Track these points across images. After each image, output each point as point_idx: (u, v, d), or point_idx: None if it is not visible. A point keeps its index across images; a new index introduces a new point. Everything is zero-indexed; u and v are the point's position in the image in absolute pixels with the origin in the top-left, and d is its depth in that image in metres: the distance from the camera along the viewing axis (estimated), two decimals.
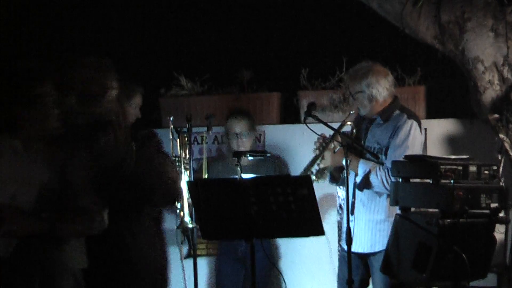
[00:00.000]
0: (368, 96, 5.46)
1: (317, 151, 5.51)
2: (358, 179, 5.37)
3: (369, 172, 5.33)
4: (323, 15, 7.30)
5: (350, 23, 6.96)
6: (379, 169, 5.31)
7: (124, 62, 6.57)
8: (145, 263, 4.21)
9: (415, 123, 5.40)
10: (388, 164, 5.26)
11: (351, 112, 5.54)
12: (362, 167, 5.34)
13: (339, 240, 5.72)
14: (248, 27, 7.52)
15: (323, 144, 5.48)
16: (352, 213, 5.44)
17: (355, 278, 5.31)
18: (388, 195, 5.35)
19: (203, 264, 6.53)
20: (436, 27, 5.93)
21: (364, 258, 5.39)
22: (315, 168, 5.51)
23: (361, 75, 5.49)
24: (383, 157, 5.36)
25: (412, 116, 5.46)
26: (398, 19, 6.02)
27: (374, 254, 5.47)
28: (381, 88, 5.47)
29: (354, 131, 5.52)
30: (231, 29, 7.56)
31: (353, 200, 5.46)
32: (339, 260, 5.73)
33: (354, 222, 5.38)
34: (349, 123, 5.58)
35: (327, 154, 5.40)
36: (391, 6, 6.02)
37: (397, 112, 5.48)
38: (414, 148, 5.36)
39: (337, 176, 5.55)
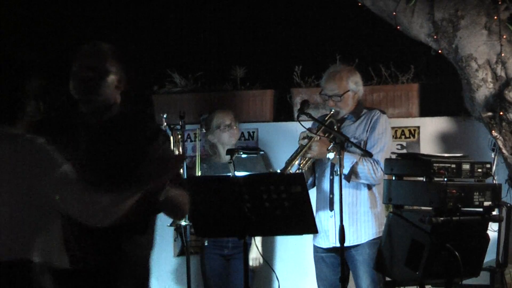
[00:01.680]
0: (354, 94, 5.53)
1: (304, 141, 5.53)
2: (346, 171, 5.38)
3: (356, 163, 5.36)
4: (317, 12, 7.29)
5: (343, 21, 6.96)
6: (365, 160, 5.37)
7: None
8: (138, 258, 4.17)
9: (386, 117, 5.56)
10: (376, 156, 5.34)
11: (332, 110, 5.56)
12: (349, 159, 5.36)
13: (314, 240, 5.70)
14: (242, 24, 7.52)
15: (308, 135, 5.51)
16: (332, 209, 5.46)
17: (335, 277, 5.32)
18: (368, 187, 5.45)
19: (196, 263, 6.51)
20: (429, 24, 5.93)
21: (343, 254, 5.34)
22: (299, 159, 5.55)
23: (347, 74, 5.56)
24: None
25: (382, 111, 5.62)
26: (392, 17, 6.02)
27: (356, 246, 5.48)
28: (360, 85, 5.62)
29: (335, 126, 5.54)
30: (225, 26, 7.56)
31: (331, 196, 5.48)
32: (316, 261, 5.71)
33: (334, 218, 5.41)
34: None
35: (314, 145, 5.41)
36: (384, 3, 6.02)
37: (365, 110, 5.61)
38: (391, 139, 5.58)
39: (308, 175, 5.57)
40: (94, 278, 4.02)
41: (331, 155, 5.32)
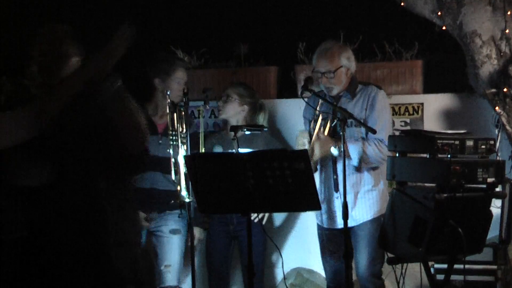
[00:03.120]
0: (347, 70, 5.54)
1: (303, 142, 5.56)
2: (355, 162, 5.40)
3: (363, 151, 5.39)
4: None
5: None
6: (369, 143, 5.43)
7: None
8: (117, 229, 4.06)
9: (383, 92, 5.59)
10: (380, 134, 5.37)
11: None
12: (354, 149, 5.40)
13: (317, 219, 5.73)
14: (246, 1, 7.50)
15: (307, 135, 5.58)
16: (337, 190, 5.48)
17: (339, 253, 5.37)
18: (372, 167, 5.51)
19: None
20: (433, 1, 5.93)
21: (348, 231, 5.36)
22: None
23: (338, 50, 5.58)
24: (362, 129, 5.45)
25: (378, 86, 5.64)
26: None
27: (359, 223, 5.52)
28: (353, 62, 5.63)
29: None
30: (228, 3, 7.53)
31: (335, 177, 5.49)
32: (320, 238, 5.74)
33: (340, 198, 5.43)
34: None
35: (316, 148, 5.42)
36: None
37: (360, 86, 5.61)
38: (390, 115, 5.65)
39: (314, 168, 5.58)
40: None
41: (335, 151, 5.34)
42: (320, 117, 5.52)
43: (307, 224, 6.23)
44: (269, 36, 7.18)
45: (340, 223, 5.50)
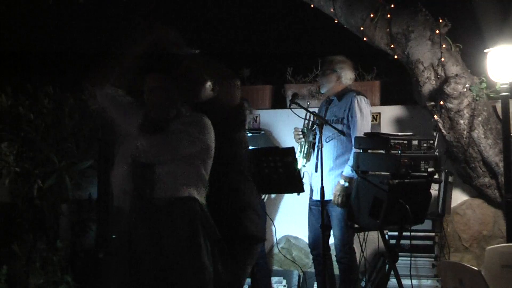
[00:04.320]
0: (336, 75, 5.52)
1: (301, 140, 5.53)
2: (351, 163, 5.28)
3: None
4: (304, 28, 7.31)
5: (324, 34, 6.94)
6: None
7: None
8: None
9: (360, 97, 5.43)
10: (355, 131, 5.30)
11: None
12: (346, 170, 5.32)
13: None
14: (249, 36, 7.51)
15: (300, 134, 5.54)
16: (316, 171, 5.42)
17: (318, 224, 5.26)
18: (342, 158, 5.37)
19: None
20: (388, 37, 5.92)
21: (325, 205, 5.26)
22: (304, 152, 5.54)
23: (338, 60, 5.57)
24: (340, 125, 5.36)
25: (360, 93, 5.51)
26: (360, 31, 6.02)
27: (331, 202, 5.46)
28: (347, 74, 5.56)
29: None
30: (234, 36, 7.55)
31: (317, 161, 5.45)
32: (308, 210, 5.69)
33: (318, 178, 5.36)
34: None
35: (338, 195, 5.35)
36: (354, 21, 6.02)
37: (348, 93, 5.53)
38: (368, 116, 5.41)
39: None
40: None
41: (344, 183, 5.28)
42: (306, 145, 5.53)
43: (293, 202, 6.24)
44: (265, 63, 7.19)
45: (316, 197, 5.48)
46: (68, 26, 7.02)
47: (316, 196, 5.48)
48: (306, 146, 5.52)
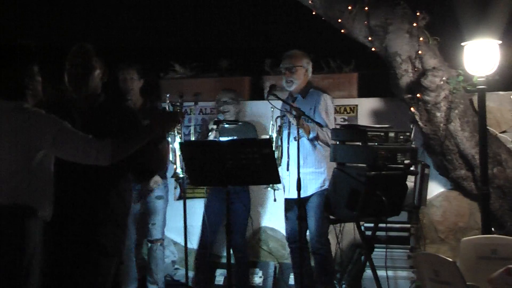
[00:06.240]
0: (305, 71, 5.56)
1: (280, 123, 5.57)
2: (311, 136, 5.43)
3: (319, 130, 5.42)
4: (284, 22, 7.30)
5: (302, 26, 6.92)
6: (322, 129, 5.42)
7: (132, 54, 6.54)
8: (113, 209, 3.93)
9: (326, 95, 5.59)
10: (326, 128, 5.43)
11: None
12: (312, 127, 5.42)
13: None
14: (227, 27, 7.48)
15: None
16: (288, 169, 5.46)
17: (295, 217, 5.34)
18: (315, 152, 5.51)
19: (192, 204, 6.49)
20: (366, 29, 5.91)
21: (302, 201, 5.34)
22: (276, 130, 5.57)
23: (301, 54, 5.68)
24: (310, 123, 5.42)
25: (325, 91, 5.66)
26: (338, 23, 6.00)
27: (308, 197, 5.50)
28: (310, 69, 5.60)
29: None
30: (214, 28, 7.52)
31: (288, 160, 5.47)
32: (284, 205, 5.73)
33: (289, 176, 5.43)
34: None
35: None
36: (333, 13, 5.99)
37: (312, 90, 5.58)
38: (332, 113, 5.60)
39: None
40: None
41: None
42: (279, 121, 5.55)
43: (270, 194, 6.22)
44: (243, 54, 7.16)
45: (287, 195, 5.50)
46: None
47: (288, 195, 5.51)
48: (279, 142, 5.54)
